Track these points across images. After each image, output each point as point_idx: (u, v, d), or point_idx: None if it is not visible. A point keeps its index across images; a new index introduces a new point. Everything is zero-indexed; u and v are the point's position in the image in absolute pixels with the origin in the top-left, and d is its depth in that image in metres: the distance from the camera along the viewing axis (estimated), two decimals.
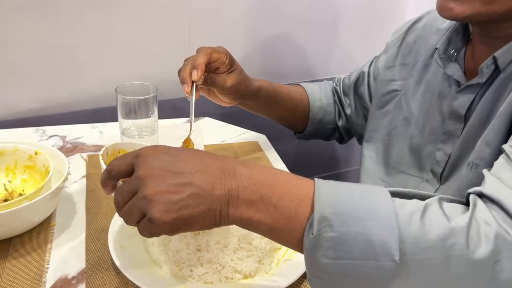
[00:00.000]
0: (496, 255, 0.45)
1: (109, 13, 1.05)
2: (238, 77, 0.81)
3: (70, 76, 1.07)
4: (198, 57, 0.75)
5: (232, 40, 1.21)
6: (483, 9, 0.61)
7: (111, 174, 0.51)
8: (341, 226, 0.46)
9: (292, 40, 1.30)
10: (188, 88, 0.74)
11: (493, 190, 0.49)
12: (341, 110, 0.98)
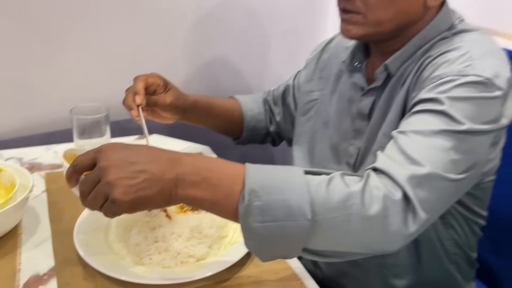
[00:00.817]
0: (385, 212, 0.60)
1: (54, 43, 1.14)
2: (174, 94, 0.94)
3: (20, 103, 1.15)
4: (137, 85, 0.88)
5: (173, 65, 1.34)
6: (372, 31, 0.78)
7: (76, 169, 0.61)
8: (266, 196, 0.59)
9: (228, 61, 1.45)
10: (136, 113, 0.86)
11: (382, 164, 0.64)
12: (272, 118, 1.13)
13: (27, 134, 1.18)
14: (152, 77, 0.91)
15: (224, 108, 1.08)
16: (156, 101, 0.92)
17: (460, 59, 0.72)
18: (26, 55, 1.12)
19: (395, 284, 0.87)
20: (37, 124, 1.19)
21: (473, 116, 0.67)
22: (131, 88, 0.89)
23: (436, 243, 0.84)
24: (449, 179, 0.65)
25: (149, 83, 0.90)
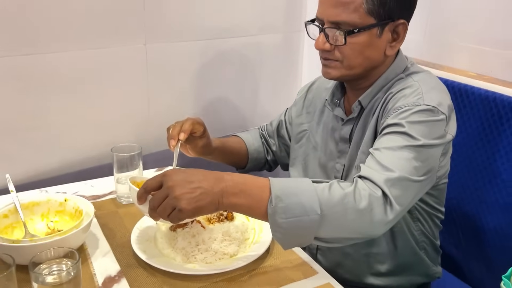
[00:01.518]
0: (370, 205, 0.85)
1: (84, 99, 1.38)
2: (206, 142, 1.17)
3: (56, 146, 1.36)
4: (186, 124, 1.10)
5: (181, 105, 1.58)
6: (346, 73, 1.04)
7: (147, 189, 0.84)
8: (286, 199, 0.83)
9: (226, 100, 1.71)
10: (174, 143, 1.08)
11: (365, 173, 0.89)
12: (269, 149, 1.38)
13: (63, 173, 1.38)
14: (199, 123, 1.13)
15: (234, 148, 1.31)
16: (191, 141, 1.14)
17: (413, 93, 0.99)
18: (61, 107, 1.34)
19: (379, 269, 1.11)
20: (71, 163, 1.40)
21: (426, 134, 0.94)
22: (180, 123, 1.10)
23: (408, 233, 1.09)
24: (413, 180, 0.91)
25: (194, 128, 1.12)
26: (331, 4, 0.99)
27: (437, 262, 1.19)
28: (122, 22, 1.38)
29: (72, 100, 1.36)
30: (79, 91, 1.37)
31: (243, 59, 1.71)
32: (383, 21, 0.98)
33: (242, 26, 1.67)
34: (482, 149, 1.29)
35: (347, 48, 1.00)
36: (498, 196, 1.26)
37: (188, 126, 1.09)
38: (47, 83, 1.31)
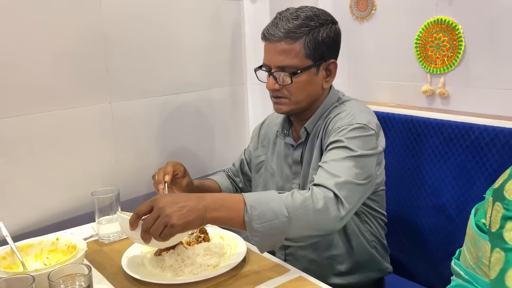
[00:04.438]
0: (326, 205, 1.04)
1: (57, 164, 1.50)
2: (188, 180, 1.34)
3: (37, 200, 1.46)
4: (168, 167, 1.26)
5: (147, 156, 1.74)
6: (294, 107, 1.26)
7: (139, 214, 0.98)
8: (259, 207, 1.00)
9: (187, 151, 1.88)
10: (163, 186, 1.23)
11: (318, 181, 1.09)
12: (236, 186, 1.55)
13: (42, 226, 1.47)
14: (178, 164, 1.31)
15: (210, 187, 1.48)
16: (176, 182, 1.31)
17: (347, 116, 1.22)
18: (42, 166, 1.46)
19: (340, 269, 1.28)
20: (48, 217, 1.49)
21: (362, 146, 1.16)
22: (162, 169, 1.27)
23: (359, 234, 1.29)
24: (357, 183, 1.12)
25: (175, 169, 1.29)
26: (276, 53, 1.22)
27: (387, 259, 1.39)
28: (88, 85, 1.55)
29: (44, 159, 1.48)
30: (49, 150, 1.49)
31: (198, 111, 1.92)
32: (318, 62, 1.23)
33: (193, 82, 1.89)
34: (409, 162, 1.54)
35: (293, 86, 1.23)
36: (427, 200, 1.51)
37: (170, 168, 1.26)
38: (18, 145, 1.43)
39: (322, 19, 1.22)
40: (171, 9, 1.77)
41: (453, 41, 1.50)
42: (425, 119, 1.51)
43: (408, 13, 1.61)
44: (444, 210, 1.47)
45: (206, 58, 1.92)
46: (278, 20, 1.23)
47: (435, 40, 1.54)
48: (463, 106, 1.53)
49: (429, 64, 1.57)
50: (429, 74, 1.59)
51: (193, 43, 1.87)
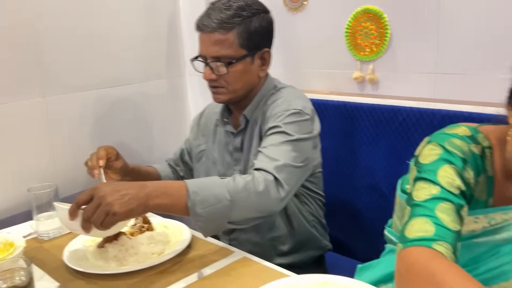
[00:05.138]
0: (267, 188, 1.08)
1: None
2: (123, 163, 1.32)
3: None
4: (101, 152, 1.24)
5: (82, 151, 1.69)
6: (232, 96, 1.29)
7: (78, 204, 0.97)
8: (202, 192, 1.02)
9: (123, 146, 1.85)
10: (97, 171, 1.21)
11: (258, 165, 1.13)
12: (177, 174, 1.55)
13: None
14: (110, 148, 1.28)
15: (149, 172, 1.47)
16: (111, 165, 1.28)
17: (284, 102, 1.27)
18: None
19: (282, 249, 1.33)
20: None
21: (298, 131, 1.21)
22: (94, 154, 1.25)
23: (299, 215, 1.34)
24: (295, 166, 1.16)
25: (108, 152, 1.27)
26: (210, 43, 1.24)
27: (326, 238, 1.45)
28: (21, 79, 1.50)
29: None
30: None
31: (135, 105, 1.90)
32: (252, 51, 1.26)
33: (130, 75, 1.87)
34: (344, 146, 1.62)
35: (229, 76, 1.26)
36: (362, 180, 1.59)
37: (103, 152, 1.24)
38: None
39: (254, 9, 1.25)
40: (104, 0, 1.74)
41: (380, 29, 1.58)
42: (357, 104, 1.59)
43: (338, 3, 1.69)
44: (378, 189, 1.56)
45: (142, 50, 1.90)
46: (211, 10, 1.24)
47: (364, 29, 1.62)
48: (392, 90, 1.62)
49: (358, 52, 1.66)
50: (359, 62, 1.67)
51: (128, 35, 1.84)
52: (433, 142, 0.88)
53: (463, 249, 0.87)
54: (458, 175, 0.83)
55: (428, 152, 0.87)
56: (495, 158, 0.88)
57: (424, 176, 0.84)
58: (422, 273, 0.70)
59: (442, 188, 0.81)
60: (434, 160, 0.85)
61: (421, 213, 0.79)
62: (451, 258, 0.74)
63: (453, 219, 0.78)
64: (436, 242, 0.74)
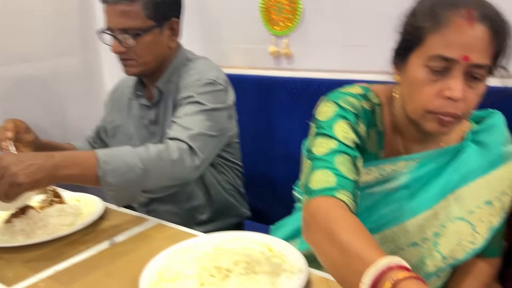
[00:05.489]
0: (181, 156, 1.09)
1: None
2: (34, 136, 1.26)
3: None
4: (9, 124, 1.17)
5: None
6: (143, 68, 1.28)
7: None
8: (113, 162, 1.01)
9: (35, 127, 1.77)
10: (5, 144, 1.14)
11: (172, 134, 1.13)
12: None
13: None
14: (19, 121, 1.21)
15: (64, 147, 1.40)
16: (21, 139, 1.21)
17: (197, 73, 1.28)
18: None
19: (201, 218, 1.35)
20: None
21: (211, 101, 1.23)
22: (2, 127, 1.18)
23: (217, 184, 1.36)
24: (210, 135, 1.18)
25: (17, 125, 1.20)
26: (116, 15, 1.22)
27: (245, 206, 1.49)
28: None
29: None
30: None
31: (46, 83, 1.82)
32: (160, 22, 1.26)
33: (37, 51, 1.77)
34: (262, 118, 1.66)
35: (138, 48, 1.24)
36: (279, 151, 1.64)
37: (11, 124, 1.19)
38: None
39: None
40: None
41: (292, 3, 1.63)
42: (273, 78, 1.64)
43: None
44: (294, 158, 1.61)
45: (51, 25, 1.81)
46: None
47: (277, 3, 1.66)
48: (305, 64, 1.68)
49: (273, 27, 1.70)
50: (274, 36, 1.71)
51: (35, 8, 1.75)
52: (329, 100, 0.94)
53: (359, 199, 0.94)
54: (352, 129, 0.88)
55: (324, 110, 0.92)
56: (384, 114, 0.95)
57: (322, 132, 0.89)
58: (321, 221, 0.75)
59: (339, 141, 0.86)
60: (330, 117, 0.90)
61: (322, 166, 0.84)
62: (352, 205, 0.79)
63: (351, 169, 0.84)
64: (338, 191, 0.79)
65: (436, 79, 0.82)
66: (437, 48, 0.81)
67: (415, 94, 0.85)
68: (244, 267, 0.86)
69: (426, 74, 0.83)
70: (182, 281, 0.84)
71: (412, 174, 0.93)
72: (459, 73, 0.81)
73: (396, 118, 0.95)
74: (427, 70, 0.83)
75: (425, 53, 0.83)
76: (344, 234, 0.69)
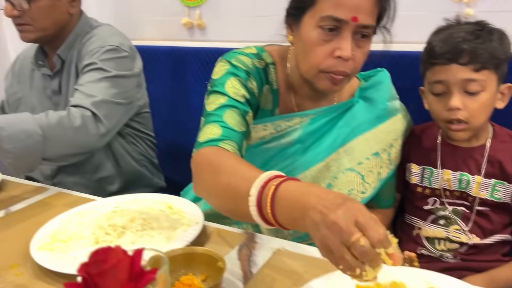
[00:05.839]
0: (84, 123, 1.07)
1: None
2: None
3: None
4: None
5: None
6: (41, 34, 1.22)
7: None
8: (9, 128, 0.98)
9: None
10: None
11: (74, 101, 1.11)
12: None
13: None
14: None
15: None
16: None
17: (99, 39, 1.25)
18: None
19: (111, 189, 1.33)
20: None
21: (116, 67, 1.20)
22: None
23: (127, 155, 1.35)
24: (115, 102, 1.16)
25: None
26: None
27: (158, 176, 1.49)
28: None
29: None
30: None
31: None
32: None
33: None
34: (176, 89, 1.66)
35: (33, 12, 1.19)
36: (194, 122, 1.63)
37: None
38: None
39: None
40: None
41: None
42: (185, 48, 1.63)
43: None
44: None
45: None
46: None
47: None
48: (218, 35, 1.69)
49: None
50: (186, 8, 1.70)
51: None
52: (223, 59, 0.96)
53: (256, 155, 0.97)
54: (243, 85, 0.91)
55: (218, 69, 0.94)
56: (278, 73, 0.98)
57: (214, 89, 0.91)
58: (207, 165, 0.77)
59: (229, 97, 0.89)
60: (222, 74, 0.92)
61: (212, 120, 0.86)
62: (237, 153, 0.82)
63: (239, 122, 0.86)
64: (222, 141, 0.82)
65: (328, 39, 0.86)
66: (328, 9, 0.85)
67: (308, 54, 0.89)
68: (141, 223, 0.87)
69: (318, 35, 0.87)
70: (76, 241, 0.83)
71: (305, 129, 0.97)
72: (348, 33, 0.85)
73: (289, 77, 0.98)
74: (320, 30, 0.86)
75: (317, 14, 0.86)
76: (228, 166, 0.73)
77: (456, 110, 0.93)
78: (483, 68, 0.91)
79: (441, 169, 1.03)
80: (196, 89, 1.62)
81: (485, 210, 1.00)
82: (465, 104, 0.93)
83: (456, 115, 0.94)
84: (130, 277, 0.44)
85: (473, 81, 0.92)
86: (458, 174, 1.01)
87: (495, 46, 0.92)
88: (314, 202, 0.55)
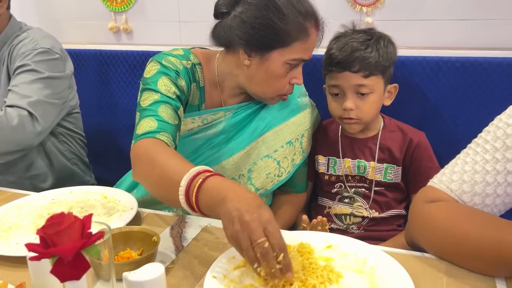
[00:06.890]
0: (21, 122, 1.12)
1: None
2: None
3: None
4: None
5: None
6: None
7: None
8: None
9: None
10: None
11: (10, 102, 1.16)
12: None
13: None
14: None
15: None
16: None
17: (31, 42, 1.29)
18: None
19: (43, 186, 1.37)
20: None
21: (48, 69, 1.26)
22: None
23: (59, 154, 1.40)
24: (49, 102, 1.22)
25: None
26: None
27: (89, 174, 1.54)
28: None
29: None
30: None
31: None
32: None
33: None
34: (104, 91, 1.72)
35: None
36: (123, 122, 1.71)
37: None
38: None
39: None
40: None
41: None
42: (112, 52, 1.69)
43: None
44: None
45: None
46: None
47: None
48: (145, 39, 1.78)
49: (111, 3, 1.75)
50: (112, 13, 1.77)
51: None
52: (154, 60, 1.06)
53: (185, 145, 1.09)
54: (173, 83, 1.02)
55: (150, 69, 1.04)
56: (204, 73, 1.10)
57: (147, 87, 1.01)
58: (143, 154, 0.88)
59: (162, 94, 0.99)
60: (154, 74, 1.02)
61: (147, 114, 0.96)
62: (171, 145, 0.93)
63: (172, 116, 0.97)
64: (159, 133, 0.92)
65: (289, 71, 1.03)
66: (300, 53, 1.01)
67: (273, 83, 1.04)
68: (79, 211, 0.94)
69: (285, 70, 1.02)
70: (17, 230, 0.89)
71: (229, 122, 1.10)
72: (301, 65, 1.04)
73: (214, 76, 1.10)
74: (288, 66, 1.02)
75: (289, 55, 1.01)
76: (163, 158, 0.84)
77: (349, 110, 1.11)
78: (371, 75, 1.10)
79: (342, 158, 1.20)
80: (124, 91, 1.69)
81: (381, 189, 1.18)
82: (357, 105, 1.11)
83: (350, 114, 1.12)
84: (82, 236, 0.54)
85: (363, 86, 1.10)
86: (356, 162, 1.18)
87: (381, 54, 1.10)
88: (233, 197, 0.68)
